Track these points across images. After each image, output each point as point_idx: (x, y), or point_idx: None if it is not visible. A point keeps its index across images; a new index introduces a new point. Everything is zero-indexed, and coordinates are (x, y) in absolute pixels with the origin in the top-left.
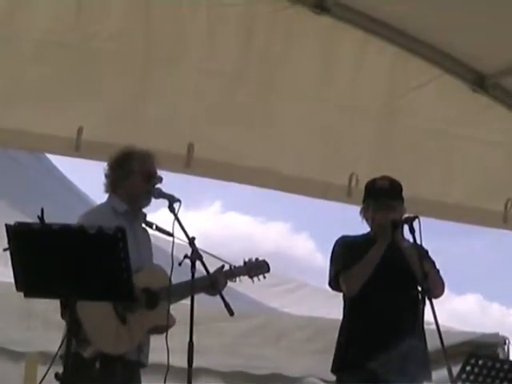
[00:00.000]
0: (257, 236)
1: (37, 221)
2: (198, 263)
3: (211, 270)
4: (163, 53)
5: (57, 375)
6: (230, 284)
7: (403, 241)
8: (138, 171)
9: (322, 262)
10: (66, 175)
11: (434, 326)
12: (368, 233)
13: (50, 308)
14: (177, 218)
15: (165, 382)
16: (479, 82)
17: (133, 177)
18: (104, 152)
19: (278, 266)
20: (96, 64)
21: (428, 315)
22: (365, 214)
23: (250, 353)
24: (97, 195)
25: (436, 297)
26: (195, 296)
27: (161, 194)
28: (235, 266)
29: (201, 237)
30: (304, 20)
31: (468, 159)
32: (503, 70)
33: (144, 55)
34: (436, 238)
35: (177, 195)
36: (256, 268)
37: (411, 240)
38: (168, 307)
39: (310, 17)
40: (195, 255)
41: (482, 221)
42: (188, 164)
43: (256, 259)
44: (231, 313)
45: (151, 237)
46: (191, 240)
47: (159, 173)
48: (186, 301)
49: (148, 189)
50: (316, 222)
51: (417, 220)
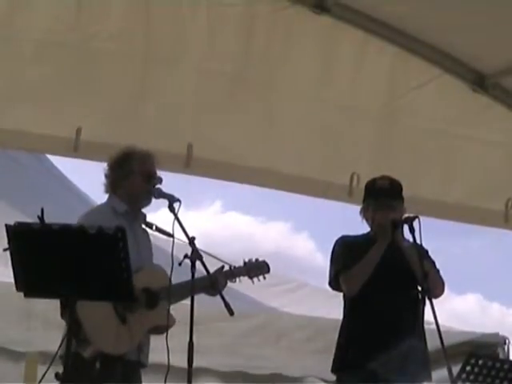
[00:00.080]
0: (257, 236)
1: (37, 221)
2: (198, 263)
3: (211, 270)
4: (163, 53)
5: (57, 375)
6: (230, 284)
7: (403, 241)
8: (138, 171)
9: (322, 262)
10: (66, 175)
11: (434, 326)
12: (368, 233)
13: (50, 308)
14: (177, 218)
15: (165, 382)
16: (479, 82)
17: (133, 177)
18: (103, 152)
19: (278, 266)
20: (96, 64)
21: (428, 315)
22: (365, 214)
23: (250, 353)
24: (97, 195)
25: (436, 297)
26: (195, 296)
27: (161, 194)
28: (235, 267)
29: (201, 237)
30: (304, 20)
31: (468, 159)
32: (503, 70)
33: (144, 55)
34: (436, 238)
35: (177, 195)
36: (256, 268)
37: (411, 240)
38: (168, 307)
39: (310, 17)
40: (195, 255)
41: (483, 220)
42: (188, 164)
43: (256, 260)
44: (231, 313)
45: (151, 237)
46: (191, 240)
47: (159, 173)
48: (186, 301)
49: (148, 189)
50: (316, 222)
51: (417, 220)
